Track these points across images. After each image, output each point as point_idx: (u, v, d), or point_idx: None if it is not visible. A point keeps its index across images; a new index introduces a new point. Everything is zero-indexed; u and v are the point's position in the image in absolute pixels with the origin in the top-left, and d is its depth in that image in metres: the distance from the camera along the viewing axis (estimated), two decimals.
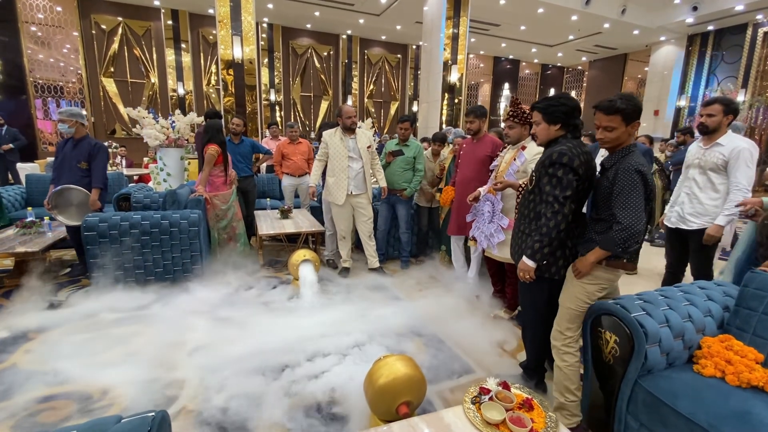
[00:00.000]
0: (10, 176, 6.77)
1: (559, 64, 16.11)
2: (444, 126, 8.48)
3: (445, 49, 8.37)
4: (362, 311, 2.98)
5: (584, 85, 15.95)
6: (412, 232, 4.14)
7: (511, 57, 15.06)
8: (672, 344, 1.59)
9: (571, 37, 12.16)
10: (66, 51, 9.87)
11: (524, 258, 1.84)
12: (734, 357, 1.52)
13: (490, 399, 1.39)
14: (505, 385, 1.45)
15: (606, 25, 10.65)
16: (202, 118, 4.43)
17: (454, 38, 8.35)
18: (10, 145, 6.63)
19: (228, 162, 3.90)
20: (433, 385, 2.11)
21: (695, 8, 9.73)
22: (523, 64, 15.61)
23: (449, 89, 8.57)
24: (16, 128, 7.19)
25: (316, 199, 4.02)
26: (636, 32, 11.15)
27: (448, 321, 2.87)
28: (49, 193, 3.47)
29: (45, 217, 3.71)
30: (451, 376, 2.24)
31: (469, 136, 3.27)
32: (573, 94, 16.26)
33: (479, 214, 2.85)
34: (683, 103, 11.83)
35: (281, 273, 3.77)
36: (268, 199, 5.31)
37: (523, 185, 2.49)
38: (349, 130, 3.54)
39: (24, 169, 6.78)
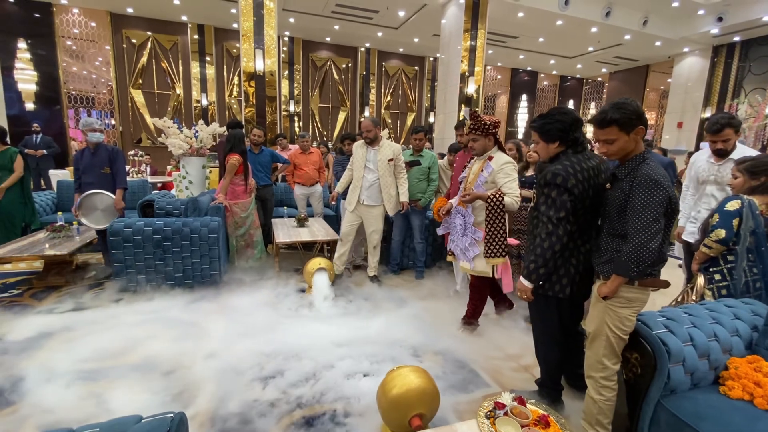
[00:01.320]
0: (42, 182, 7.09)
1: (578, 76, 15.96)
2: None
3: (462, 61, 8.41)
4: (376, 321, 2.97)
5: (604, 96, 15.74)
6: (427, 242, 4.12)
7: (529, 69, 15.01)
8: (697, 364, 1.54)
9: (590, 49, 12.06)
10: (98, 64, 10.36)
11: (521, 278, 1.82)
12: (764, 379, 1.46)
13: (505, 414, 1.37)
14: (521, 401, 1.43)
15: (627, 37, 10.53)
16: (224, 129, 4.57)
17: (472, 50, 8.40)
18: (44, 152, 6.96)
19: (248, 171, 4.00)
20: (446, 398, 2.08)
21: (720, 19, 9.53)
22: (542, 75, 15.53)
23: (466, 101, 8.59)
24: (50, 136, 7.55)
25: (334, 203, 4.09)
26: (658, 44, 10.98)
27: (460, 333, 2.83)
28: (75, 200, 3.63)
29: (74, 222, 3.87)
30: (465, 389, 2.21)
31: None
32: (593, 105, 16.08)
33: (451, 228, 2.84)
34: (708, 114, 11.52)
35: (296, 280, 3.81)
36: (286, 207, 5.40)
37: (491, 196, 2.48)
38: (371, 142, 3.59)
39: (56, 175, 7.10)
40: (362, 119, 3.64)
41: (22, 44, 9.41)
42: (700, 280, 2.08)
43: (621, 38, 10.67)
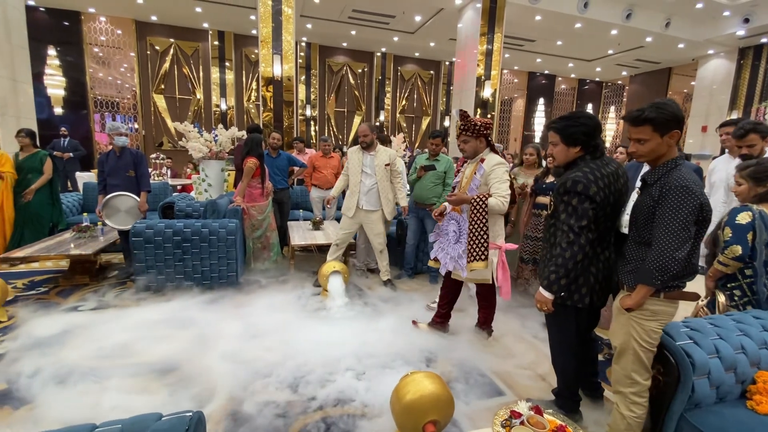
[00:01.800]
0: (69, 184, 7.34)
1: (597, 79, 15.69)
2: None
3: (478, 64, 8.38)
4: (389, 325, 2.96)
5: (624, 100, 15.42)
6: None
7: (546, 72, 14.84)
8: (723, 377, 1.49)
9: (610, 52, 11.85)
10: (123, 70, 10.72)
11: (540, 289, 1.75)
12: None
13: (521, 423, 1.35)
14: (538, 410, 1.40)
15: (648, 39, 10.31)
16: (243, 133, 4.66)
17: (488, 54, 8.36)
18: (70, 154, 7.22)
19: (265, 174, 4.07)
20: (461, 405, 2.06)
21: (747, 20, 9.24)
22: (559, 79, 15.33)
23: (482, 104, 8.55)
24: (77, 140, 7.83)
25: (330, 206, 4.17)
26: (681, 46, 10.71)
27: (475, 340, 2.80)
28: (99, 202, 3.76)
29: (98, 223, 3.99)
30: (479, 396, 2.19)
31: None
32: (612, 109, 15.77)
33: (443, 234, 2.74)
34: (734, 118, 11.15)
35: (311, 283, 3.84)
36: (301, 210, 5.46)
37: (475, 198, 2.43)
38: (367, 147, 3.60)
39: (82, 177, 7.35)
40: (361, 124, 3.68)
41: (51, 51, 9.81)
42: (721, 298, 1.99)
43: (642, 40, 10.45)
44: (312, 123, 12.69)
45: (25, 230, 4.29)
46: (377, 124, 13.43)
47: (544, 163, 3.56)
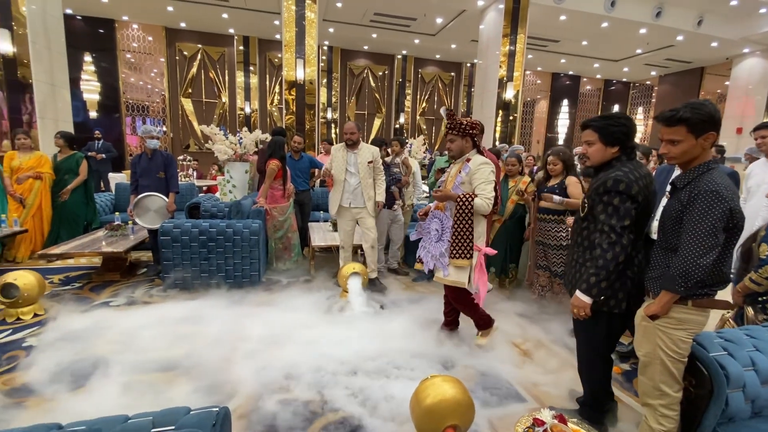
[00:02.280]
0: (102, 184, 7.68)
1: (624, 80, 15.25)
2: (497, 143, 8.33)
3: (500, 66, 8.29)
4: (408, 327, 2.96)
5: (653, 101, 14.91)
6: None
7: (571, 73, 14.53)
8: (759, 391, 1.42)
9: (638, 51, 11.50)
10: (153, 75, 11.15)
11: (578, 293, 1.68)
12: None
13: (544, 431, 1.33)
14: (561, 419, 1.38)
15: (679, 38, 9.95)
16: (266, 135, 4.76)
17: (511, 55, 8.26)
18: (103, 156, 7.55)
19: (287, 176, 4.14)
20: (481, 411, 2.04)
21: None
22: (584, 79, 14.98)
23: (504, 106, 8.44)
24: (110, 142, 8.19)
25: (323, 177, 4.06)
26: (714, 44, 10.28)
27: (495, 345, 2.77)
28: (131, 201, 3.92)
29: (129, 221, 4.16)
30: (500, 402, 2.15)
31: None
32: (640, 110, 15.29)
33: (425, 233, 2.68)
34: None
35: (331, 284, 3.88)
36: (322, 212, 5.52)
37: (461, 196, 2.38)
38: (351, 145, 3.61)
39: (114, 178, 7.68)
40: (347, 122, 3.69)
41: (87, 57, 10.31)
42: (750, 311, 1.89)
43: (673, 39, 10.10)
44: (333, 126, 12.84)
45: (61, 228, 4.51)
46: (397, 126, 13.47)
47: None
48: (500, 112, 8.48)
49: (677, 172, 2.46)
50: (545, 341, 2.86)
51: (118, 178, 7.57)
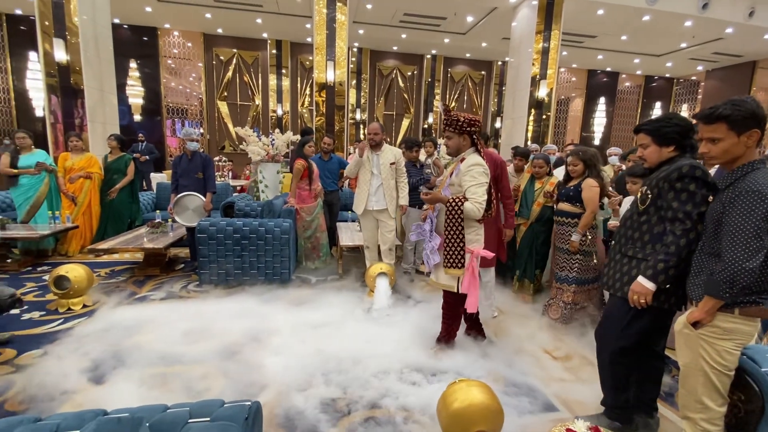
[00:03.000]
0: (144, 184, 8.12)
1: (667, 75, 14.44)
2: (530, 143, 8.12)
3: (533, 64, 8.07)
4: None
5: (699, 97, 14.05)
6: None
7: (608, 69, 13.92)
8: None
9: (683, 45, 10.86)
10: (191, 79, 11.66)
11: (641, 279, 1.60)
12: None
13: None
14: (596, 431, 1.33)
15: (728, 30, 9.31)
16: (297, 136, 4.87)
17: (544, 52, 8.02)
18: (146, 157, 7.99)
19: (313, 176, 4.22)
20: (510, 417, 1.99)
21: None
22: (623, 76, 14.31)
23: (536, 105, 8.22)
24: (152, 144, 8.65)
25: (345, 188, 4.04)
26: (767, 37, 9.56)
27: (526, 351, 2.70)
28: (171, 200, 4.12)
29: (168, 219, 4.38)
30: (531, 411, 2.10)
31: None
32: (684, 107, 14.45)
33: (423, 234, 2.58)
34: None
35: (359, 284, 3.91)
36: (350, 212, 5.58)
37: (450, 200, 2.28)
38: (375, 146, 3.61)
39: (155, 178, 8.09)
40: (372, 123, 3.68)
41: (132, 64, 10.93)
42: None
43: (721, 32, 9.46)
44: (361, 126, 12.94)
45: (108, 225, 4.81)
46: (425, 126, 13.40)
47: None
48: (533, 111, 8.25)
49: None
50: (578, 348, 2.77)
51: (159, 178, 7.98)
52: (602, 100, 14.15)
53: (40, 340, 2.64)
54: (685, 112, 14.57)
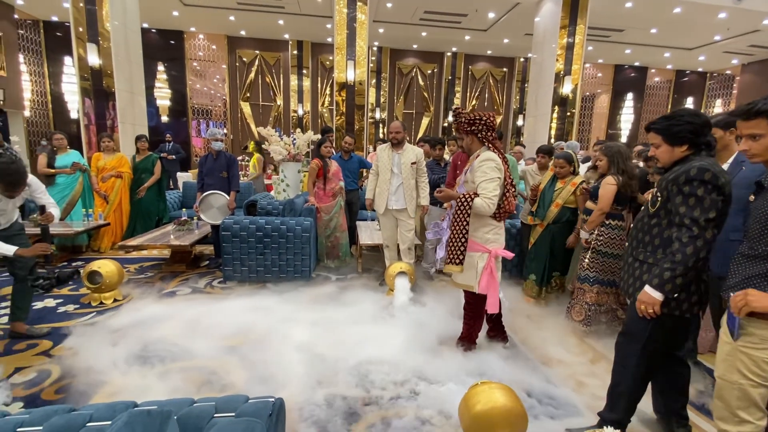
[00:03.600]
0: (171, 183, 8.38)
1: (700, 69, 13.82)
2: (553, 140, 7.93)
3: (557, 59, 7.87)
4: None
5: (734, 92, 13.37)
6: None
7: (636, 64, 13.44)
8: None
9: (717, 38, 10.36)
10: (216, 81, 11.95)
11: (647, 288, 1.55)
12: None
13: None
14: None
15: (766, 22, 8.83)
16: (318, 136, 4.92)
17: (569, 47, 7.81)
18: (173, 156, 8.24)
19: (328, 175, 4.25)
20: (534, 423, 1.95)
21: None
22: (652, 71, 13.78)
23: (560, 102, 8.01)
24: (178, 144, 8.92)
25: (372, 211, 4.10)
26: None
27: (551, 354, 2.64)
28: (197, 198, 4.23)
29: (194, 217, 4.50)
30: (556, 415, 2.05)
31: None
32: (718, 102, 13.81)
33: (441, 233, 2.54)
34: None
35: (378, 282, 3.92)
36: (370, 210, 5.60)
37: (461, 196, 2.24)
38: (397, 144, 3.59)
39: (181, 177, 8.34)
40: (393, 122, 3.66)
41: (160, 67, 11.30)
42: None
43: (758, 23, 8.98)
44: (381, 125, 12.95)
45: (137, 222, 4.99)
46: (445, 125, 13.29)
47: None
48: (556, 107, 8.05)
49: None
50: (604, 352, 2.68)
51: (185, 177, 8.22)
52: (630, 96, 13.67)
53: (74, 332, 2.76)
54: (719, 107, 13.91)
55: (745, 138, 1.38)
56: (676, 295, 1.54)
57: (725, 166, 2.17)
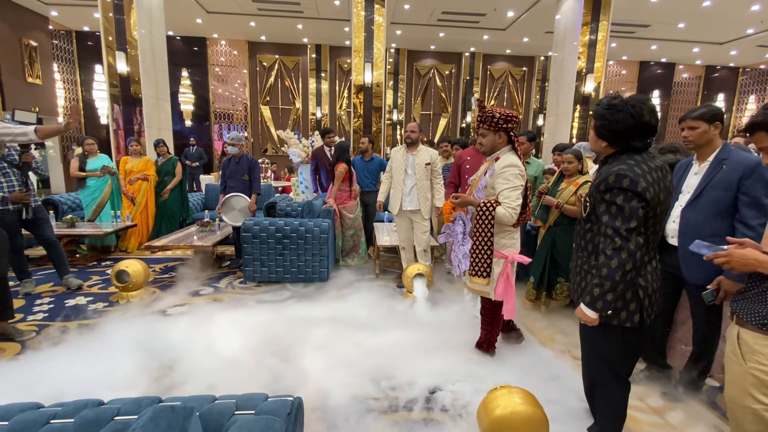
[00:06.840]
0: (194, 185, 8.63)
1: (731, 65, 13.25)
2: (575, 140, 7.76)
3: (579, 57, 7.70)
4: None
5: None
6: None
7: (663, 60, 13.00)
8: None
9: (750, 32, 9.92)
10: (237, 85, 12.22)
11: (582, 306, 1.49)
12: None
13: None
14: None
15: None
16: (337, 138, 4.97)
17: (591, 45, 7.62)
18: (196, 163, 8.50)
19: (353, 178, 4.31)
20: (555, 427, 1.91)
21: None
22: (680, 67, 13.30)
23: (582, 101, 7.83)
24: (201, 148, 9.17)
25: (385, 212, 4.12)
26: None
27: (567, 359, 2.57)
28: (219, 200, 4.34)
29: (216, 219, 4.61)
30: (578, 421, 1.99)
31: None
32: (752, 99, 13.20)
33: (453, 235, 2.46)
34: None
35: (396, 284, 3.91)
36: (387, 212, 5.60)
37: (482, 203, 2.13)
38: (411, 145, 3.58)
39: (204, 179, 8.57)
40: (410, 122, 3.64)
41: (184, 72, 11.65)
42: None
43: None
44: (398, 127, 12.96)
45: (162, 223, 5.15)
46: (463, 125, 13.18)
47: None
48: (578, 107, 7.87)
49: (695, 166, 2.05)
50: None
51: (207, 180, 8.44)
52: (656, 93, 13.24)
53: (103, 329, 2.87)
54: (752, 103, 13.30)
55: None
56: (609, 312, 1.46)
57: (705, 164, 1.98)
